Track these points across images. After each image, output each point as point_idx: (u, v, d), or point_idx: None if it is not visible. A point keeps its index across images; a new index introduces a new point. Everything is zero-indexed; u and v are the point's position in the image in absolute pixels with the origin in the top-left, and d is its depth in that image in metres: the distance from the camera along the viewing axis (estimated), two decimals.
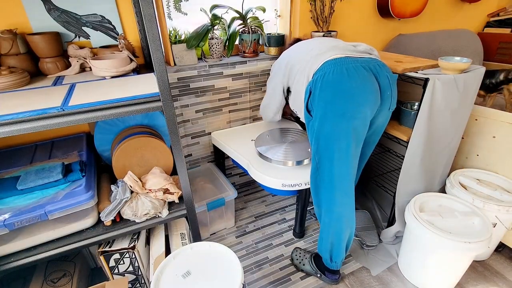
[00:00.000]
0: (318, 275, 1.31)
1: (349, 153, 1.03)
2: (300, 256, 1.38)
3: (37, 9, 1.16)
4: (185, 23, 1.50)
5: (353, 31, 1.90)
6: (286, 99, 1.36)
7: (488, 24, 2.48)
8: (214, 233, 1.62)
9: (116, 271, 1.11)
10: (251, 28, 1.54)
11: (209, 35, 1.46)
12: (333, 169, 1.06)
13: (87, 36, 1.29)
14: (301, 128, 1.63)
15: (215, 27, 1.48)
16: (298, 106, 1.23)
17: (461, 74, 1.16)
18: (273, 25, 1.78)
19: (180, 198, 1.15)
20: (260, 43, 1.66)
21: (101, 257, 1.06)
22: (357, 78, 0.98)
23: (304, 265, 1.35)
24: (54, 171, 0.99)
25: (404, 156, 1.27)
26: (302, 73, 1.12)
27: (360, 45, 1.13)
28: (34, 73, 1.17)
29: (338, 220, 1.14)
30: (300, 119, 1.29)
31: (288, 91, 1.31)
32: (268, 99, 1.42)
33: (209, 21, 1.46)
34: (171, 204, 1.17)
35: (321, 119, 1.02)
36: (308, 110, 1.08)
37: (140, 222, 1.09)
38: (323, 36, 1.62)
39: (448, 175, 1.43)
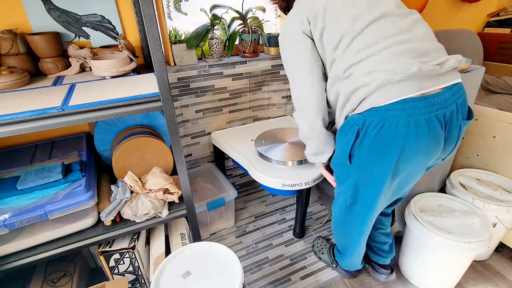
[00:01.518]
0: (334, 265, 1.33)
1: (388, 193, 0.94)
2: (321, 245, 1.42)
3: (37, 9, 1.16)
4: (185, 23, 1.50)
5: None
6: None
7: (488, 24, 2.48)
8: (214, 233, 1.62)
9: (116, 271, 1.11)
10: (251, 28, 1.54)
11: (209, 35, 1.46)
12: (369, 212, 0.98)
13: (87, 36, 1.29)
14: None
15: (215, 27, 1.48)
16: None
17: (461, 74, 1.15)
18: (273, 25, 1.77)
19: (180, 198, 1.15)
20: (260, 43, 1.66)
21: (101, 257, 1.06)
22: (425, 139, 0.79)
23: (323, 253, 1.37)
24: (54, 171, 0.99)
25: None
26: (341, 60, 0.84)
27: (448, 59, 0.80)
28: (34, 73, 1.17)
29: (358, 246, 1.13)
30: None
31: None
32: (300, 79, 0.95)
33: (209, 21, 1.46)
34: (171, 204, 1.17)
35: (365, 171, 0.88)
36: (349, 155, 0.89)
37: (140, 222, 1.08)
38: None
39: (448, 175, 1.43)
